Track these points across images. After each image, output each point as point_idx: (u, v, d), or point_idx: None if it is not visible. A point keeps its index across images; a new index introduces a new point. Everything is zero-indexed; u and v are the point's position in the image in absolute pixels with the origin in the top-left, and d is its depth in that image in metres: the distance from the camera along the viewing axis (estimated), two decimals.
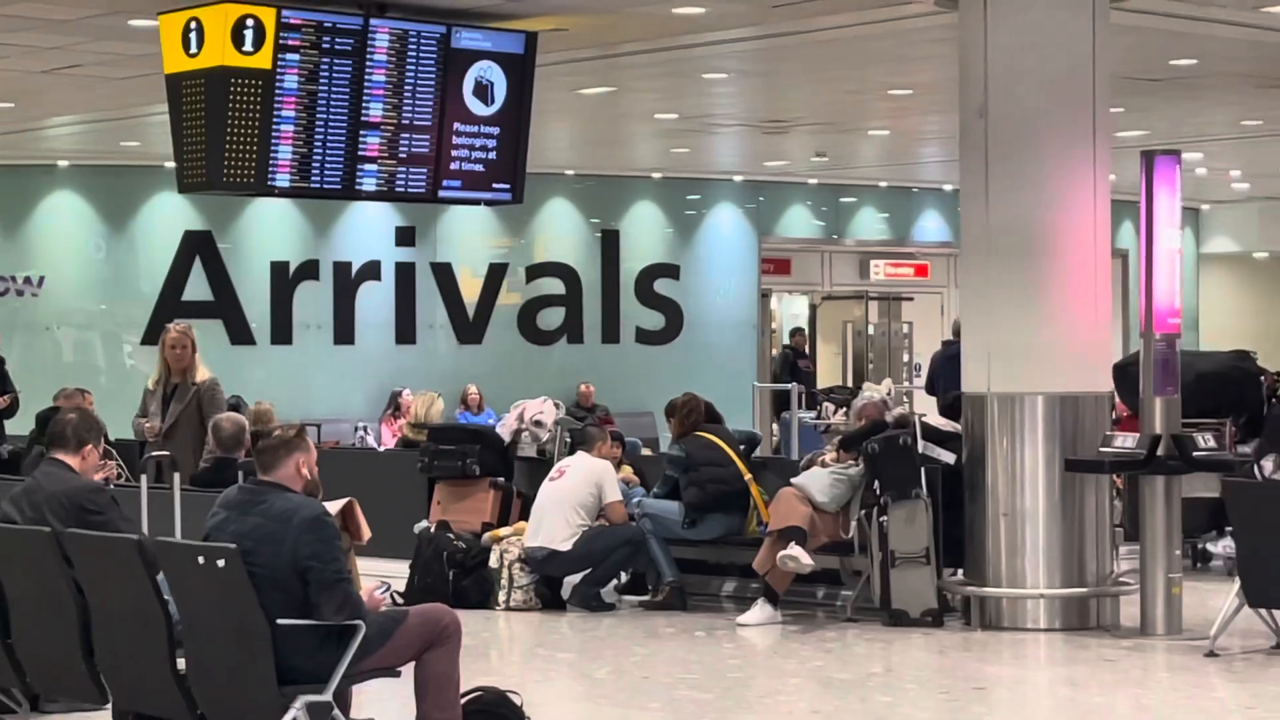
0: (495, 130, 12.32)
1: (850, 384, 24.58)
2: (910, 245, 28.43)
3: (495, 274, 24.87)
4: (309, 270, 23.42)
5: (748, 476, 12.37)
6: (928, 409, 16.65)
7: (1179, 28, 13.36)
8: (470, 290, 24.67)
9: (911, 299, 27.71)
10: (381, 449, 19.13)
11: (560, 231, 25.61)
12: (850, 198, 27.88)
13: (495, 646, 11.10)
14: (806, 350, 25.29)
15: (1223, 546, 13.59)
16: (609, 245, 25.84)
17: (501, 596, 12.27)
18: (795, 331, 25.39)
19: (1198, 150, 22.44)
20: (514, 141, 12.38)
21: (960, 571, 11.76)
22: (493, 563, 12.44)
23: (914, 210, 28.56)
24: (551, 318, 25.26)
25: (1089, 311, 11.36)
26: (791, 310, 28.36)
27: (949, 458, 11.71)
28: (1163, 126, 19.69)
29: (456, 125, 12.12)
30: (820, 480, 11.80)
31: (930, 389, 18.19)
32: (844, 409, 18.94)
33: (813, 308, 27.42)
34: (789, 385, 20.75)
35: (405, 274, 24.16)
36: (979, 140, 11.49)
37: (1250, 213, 30.22)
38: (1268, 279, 31.00)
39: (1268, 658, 10.08)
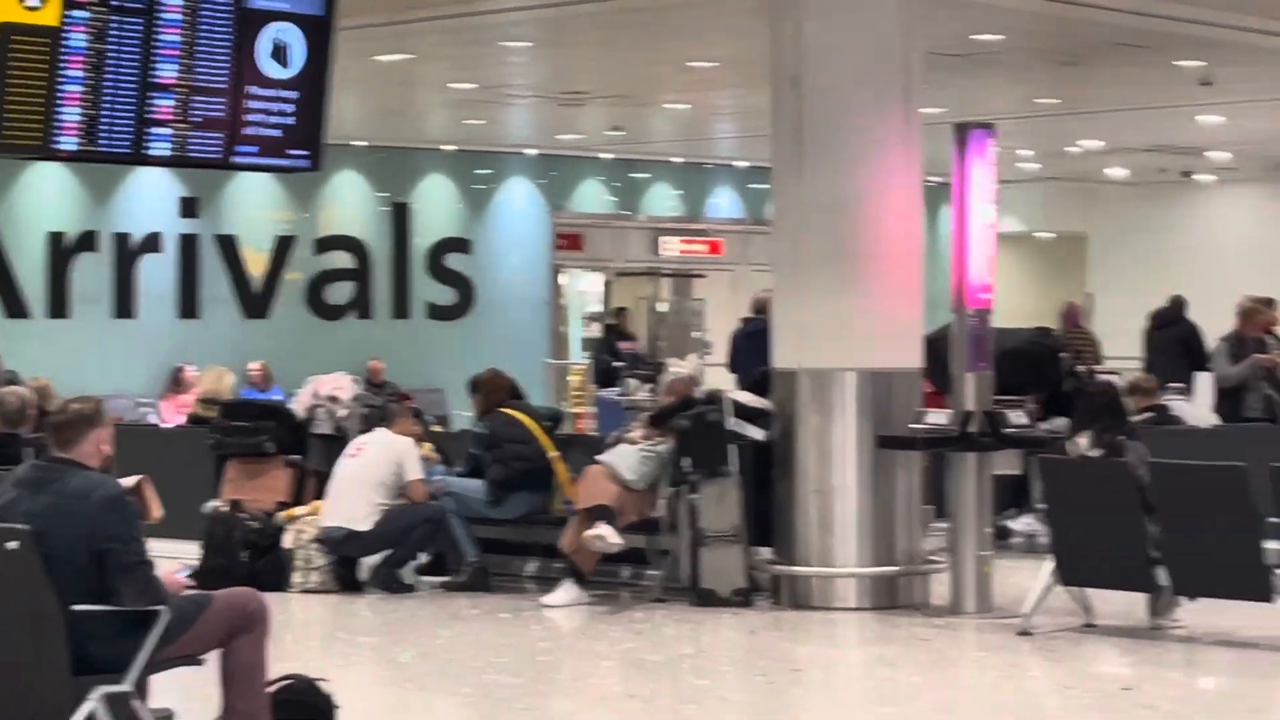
0: (293, 95, 11.84)
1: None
2: (703, 222, 28.36)
3: (282, 247, 24.33)
4: (87, 242, 22.66)
5: (553, 454, 12.12)
6: (726, 386, 16.48)
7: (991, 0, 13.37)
8: (256, 263, 24.07)
9: (704, 276, 27.54)
10: (164, 426, 18.59)
11: (349, 204, 25.15)
12: (644, 173, 27.75)
13: (291, 630, 10.68)
14: (629, 330, 24.74)
15: (1023, 523, 13.66)
16: (399, 219, 25.42)
17: (297, 578, 11.95)
18: (618, 311, 24.94)
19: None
20: (313, 107, 11.96)
21: (769, 550, 11.58)
22: (288, 543, 12.08)
23: (707, 187, 28.51)
24: (340, 292, 24.85)
25: (901, 287, 11.26)
26: (582, 287, 28.11)
27: (759, 435, 11.56)
28: (958, 104, 19.72)
29: (252, 89, 11.62)
30: (628, 458, 11.59)
31: (732, 366, 18.00)
32: (650, 385, 18.76)
33: (606, 284, 27.18)
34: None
35: (188, 246, 23.52)
36: (792, 113, 11.33)
37: (1036, 193, 30.53)
38: (1052, 259, 31.35)
39: (1080, 636, 10.04)
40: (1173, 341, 19.04)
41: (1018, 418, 10.99)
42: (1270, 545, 9.42)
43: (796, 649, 10.26)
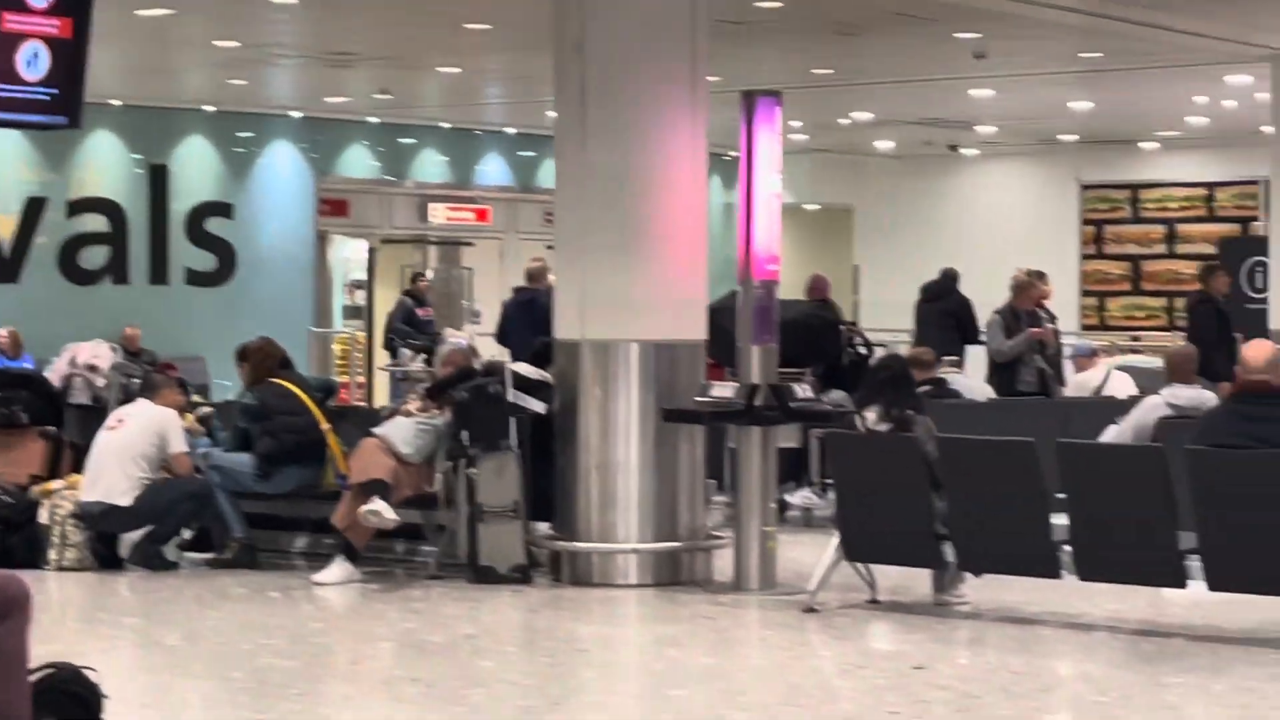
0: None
1: None
2: (472, 189, 27.94)
3: (32, 209, 23.35)
4: None
5: (325, 426, 11.75)
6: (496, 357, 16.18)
7: None
8: (4, 226, 23.14)
9: (472, 244, 27.23)
10: None
11: (104, 165, 24.19)
12: (411, 138, 27.27)
13: (48, 611, 10.09)
14: (428, 298, 23.92)
15: (801, 497, 13.59)
16: (157, 181, 24.52)
17: (52, 555, 11.48)
18: (416, 277, 24.21)
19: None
20: (71, 61, 11.46)
21: (549, 526, 11.38)
22: (42, 518, 11.58)
23: (476, 153, 28.06)
24: (94, 257, 23.97)
25: (686, 258, 11.08)
26: (347, 254, 27.58)
27: (540, 407, 11.33)
28: (732, 74, 19.59)
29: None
30: (404, 430, 11.30)
31: (501, 337, 17.72)
32: (423, 355, 18.49)
33: (371, 251, 26.70)
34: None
35: None
36: (575, 77, 11.07)
37: (803, 164, 30.64)
38: (818, 230, 31.48)
39: (866, 613, 9.95)
40: (944, 314, 19.11)
41: (802, 391, 10.89)
42: (1057, 521, 9.43)
43: (580, 628, 10.00)
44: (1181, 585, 9.16)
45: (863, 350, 14.95)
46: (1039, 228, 28.57)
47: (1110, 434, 12.03)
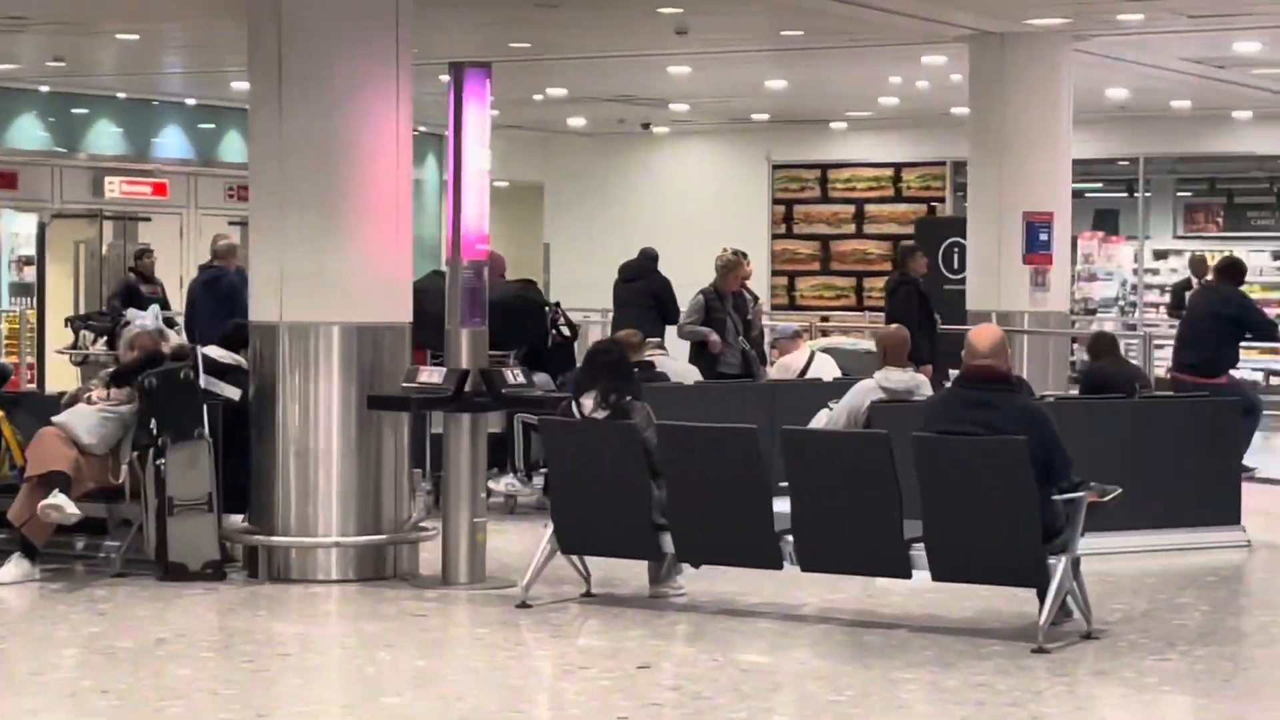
0: None
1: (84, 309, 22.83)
2: (149, 162, 26.91)
3: None
4: None
5: None
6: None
7: None
8: None
9: (149, 219, 26.20)
10: None
11: None
12: (84, 109, 26.15)
13: None
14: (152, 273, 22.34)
15: (505, 484, 13.14)
16: None
17: None
18: (142, 253, 22.68)
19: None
20: None
21: (243, 518, 10.72)
22: None
23: (154, 125, 27.06)
24: None
25: (390, 237, 10.57)
26: (15, 229, 26.35)
27: (233, 393, 10.75)
28: (428, 46, 19.04)
29: None
30: (87, 419, 10.54)
31: (189, 318, 16.97)
32: (104, 337, 17.55)
33: (41, 226, 25.49)
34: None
35: None
36: (270, 49, 10.45)
37: (495, 141, 30.20)
38: (509, 209, 31.09)
39: (581, 607, 9.61)
40: (643, 295, 18.81)
41: (514, 376, 10.49)
42: (779, 510, 9.18)
43: (281, 628, 9.39)
44: (907, 575, 8.99)
45: (566, 332, 14.57)
46: (730, 207, 28.47)
47: (822, 417, 11.85)
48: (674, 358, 15.48)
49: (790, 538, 9.12)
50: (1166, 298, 24.80)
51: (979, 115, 18.25)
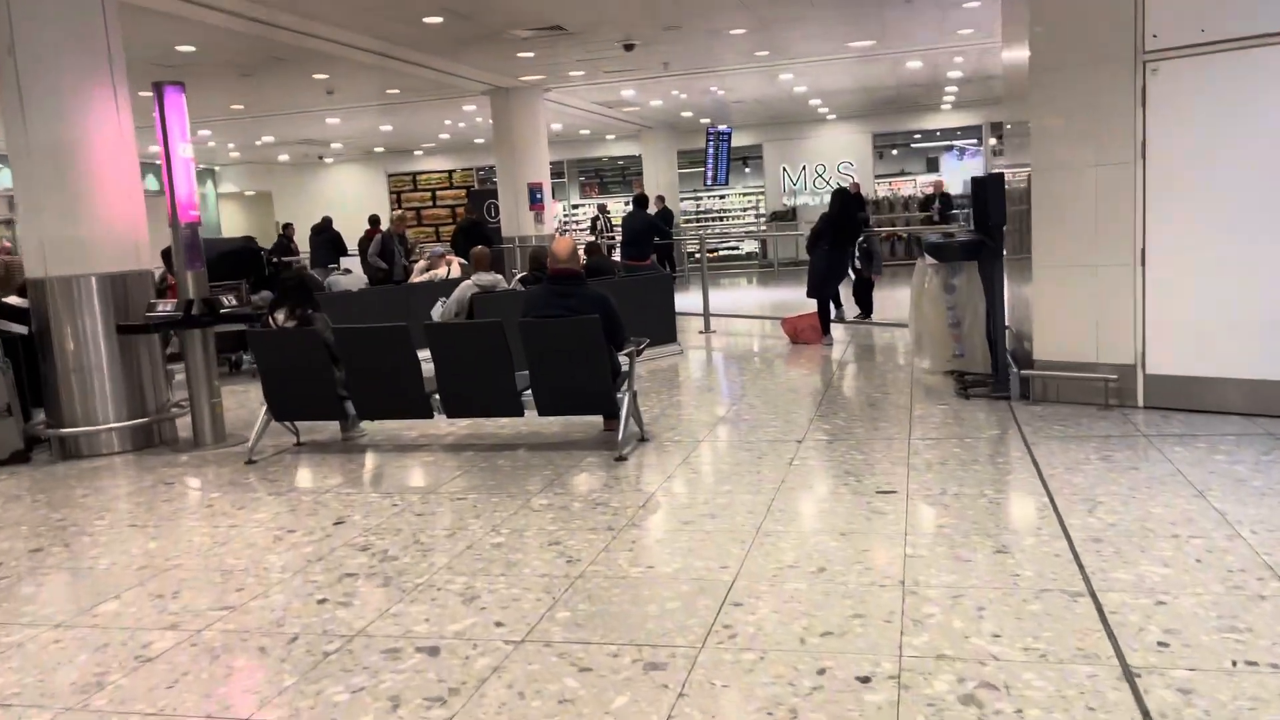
0: None
1: None
2: None
3: None
4: None
5: None
6: None
7: (183, 12, 8.24)
8: None
9: None
10: None
11: None
12: None
13: None
14: None
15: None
16: None
17: None
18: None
19: (207, 128, 16.82)
20: None
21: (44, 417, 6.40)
22: None
23: None
24: None
25: (125, 207, 6.26)
26: None
27: (22, 329, 6.39)
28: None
29: None
30: None
31: None
32: None
33: None
34: None
35: None
36: (11, 75, 5.99)
37: (239, 169, 24.75)
38: (256, 205, 25.67)
39: (294, 457, 5.80)
40: (326, 242, 14.80)
41: (230, 301, 6.47)
42: (428, 377, 5.65)
43: (84, 496, 5.17)
44: (520, 414, 5.58)
45: (277, 267, 10.44)
46: (368, 200, 23.87)
47: (438, 307, 8.30)
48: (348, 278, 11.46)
49: (436, 396, 5.64)
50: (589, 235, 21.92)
51: (499, 135, 14.52)
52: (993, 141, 20.65)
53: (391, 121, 17.66)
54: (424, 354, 5.54)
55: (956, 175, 21.11)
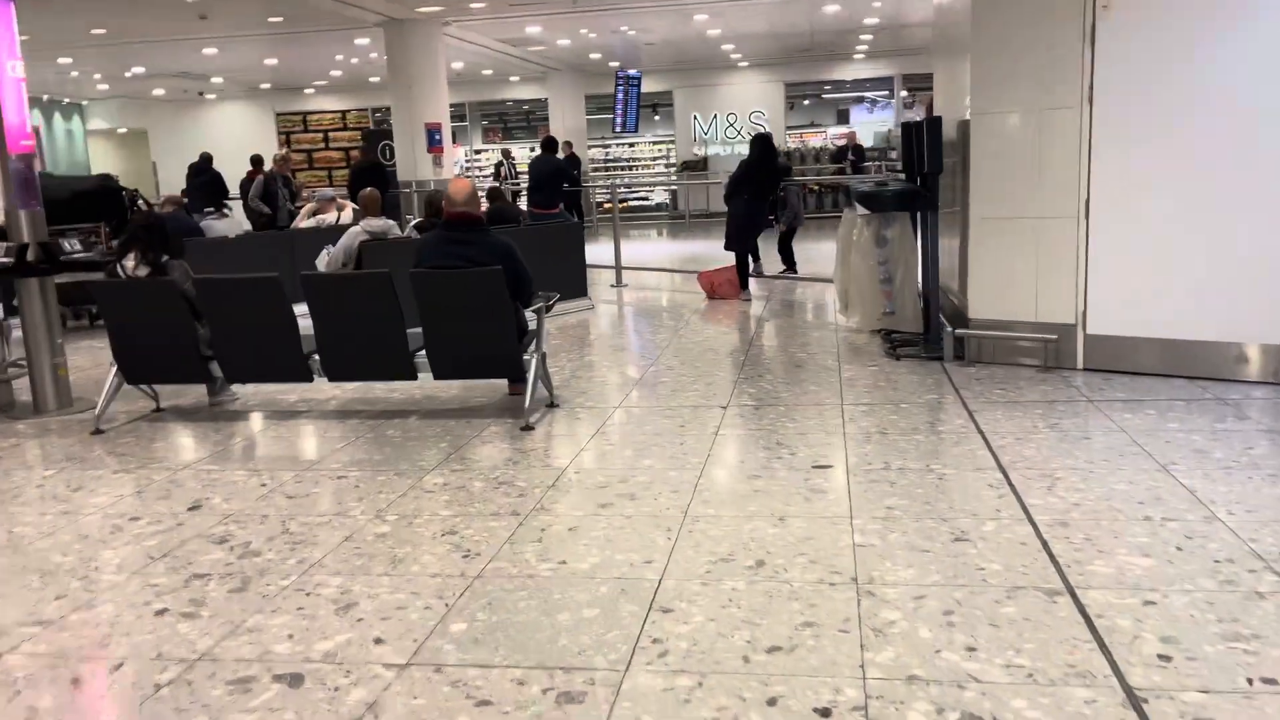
0: None
1: None
2: None
3: None
4: None
5: None
6: None
7: None
8: None
9: None
10: None
11: None
12: None
13: None
14: None
15: None
16: None
17: None
18: None
19: (66, 55, 15.28)
20: None
21: None
22: None
23: None
24: None
25: None
26: None
27: None
28: (36, 31, 12.63)
29: None
30: None
31: None
32: None
33: None
34: None
35: None
36: None
37: (113, 104, 22.87)
38: (130, 144, 23.79)
39: (150, 425, 5.06)
40: (204, 185, 13.63)
41: (73, 245, 5.63)
42: (307, 335, 4.97)
43: None
44: (414, 378, 4.97)
45: (142, 205, 9.41)
46: (254, 140, 22.27)
47: (324, 255, 7.52)
48: (223, 221, 10.45)
49: (317, 356, 4.98)
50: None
51: (394, 71, 13.51)
52: (904, 94, 20.50)
53: (277, 54, 16.40)
54: (302, 308, 4.86)
55: (867, 127, 20.94)
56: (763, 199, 8.67)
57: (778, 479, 3.77)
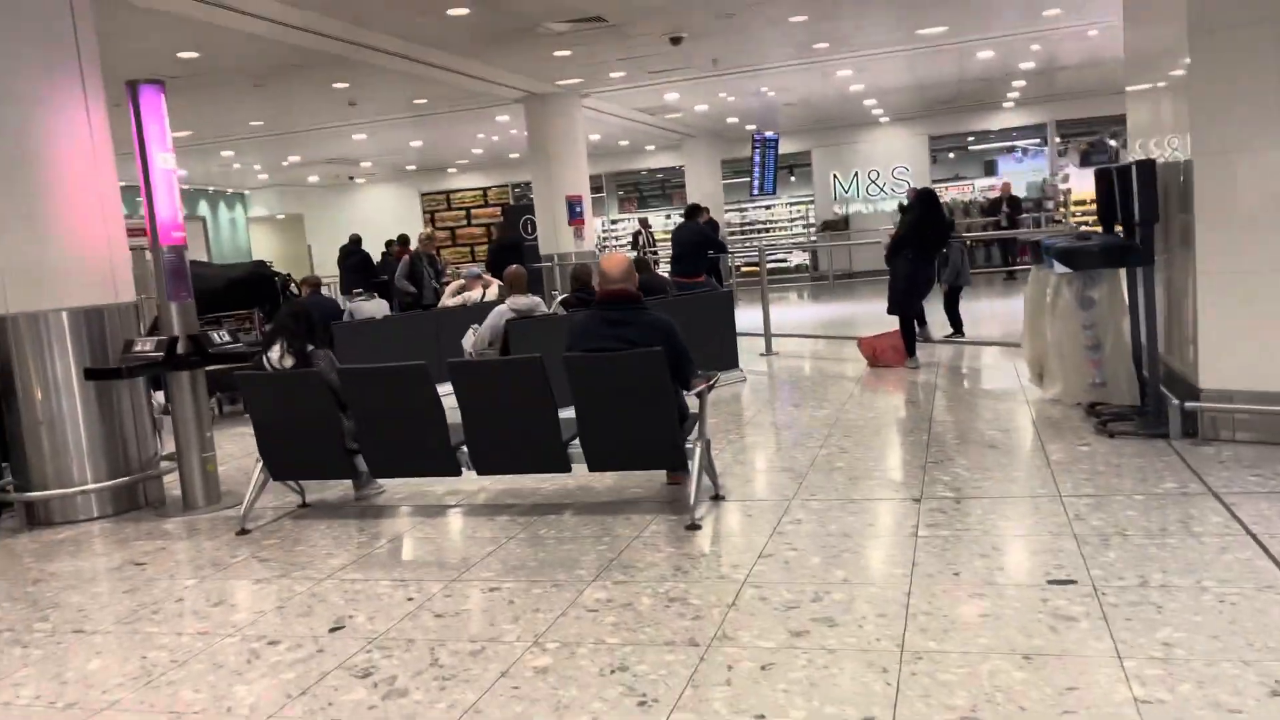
0: None
1: None
2: None
3: None
4: None
5: None
6: None
7: (182, 9, 7.36)
8: None
9: None
10: None
11: None
12: None
13: None
14: None
15: None
16: None
17: None
18: None
19: (229, 148, 16.10)
20: None
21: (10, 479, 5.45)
22: None
23: None
24: None
25: (100, 232, 5.34)
26: None
27: None
28: (199, 127, 13.29)
29: None
30: None
31: None
32: None
33: None
34: None
35: None
36: None
37: (272, 191, 24.15)
38: (287, 228, 25.04)
39: (295, 524, 4.83)
40: (355, 266, 13.97)
41: (222, 337, 5.53)
42: (455, 424, 4.65)
43: (62, 565, 4.21)
44: (567, 469, 4.56)
45: (295, 293, 9.55)
46: (402, 220, 23.10)
47: (470, 334, 7.31)
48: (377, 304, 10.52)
49: (465, 448, 4.63)
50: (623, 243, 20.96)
51: (535, 145, 13.57)
52: (1057, 140, 19.35)
53: (422, 136, 16.85)
54: (446, 390, 4.54)
55: (1018, 177, 19.87)
56: (928, 258, 8.01)
57: (1007, 598, 3.12)
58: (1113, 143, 18.26)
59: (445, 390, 4.54)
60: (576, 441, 4.45)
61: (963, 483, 4.47)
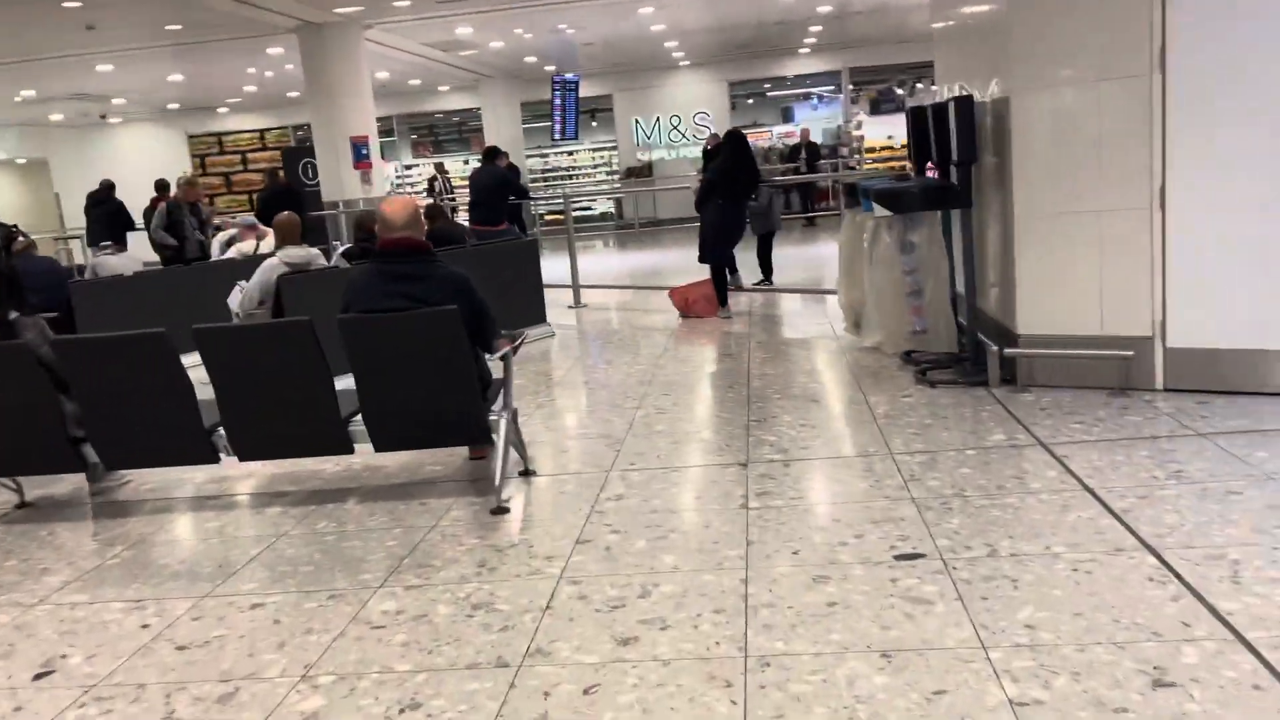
0: None
1: None
2: None
3: None
4: None
5: None
6: None
7: None
8: None
9: None
10: None
11: None
12: None
13: None
14: None
15: None
16: None
17: None
18: None
19: None
20: None
21: None
22: None
23: None
24: None
25: None
26: None
27: None
28: None
29: None
30: None
31: None
32: None
33: None
34: None
35: None
36: None
37: (10, 133, 21.14)
38: (29, 175, 22.03)
39: (7, 529, 3.95)
40: (106, 214, 12.31)
41: None
42: (208, 400, 3.89)
43: None
44: (350, 451, 3.90)
45: (22, 243, 8.13)
46: (162, 165, 20.76)
47: (235, 293, 6.38)
48: (123, 257, 9.18)
49: (222, 430, 3.89)
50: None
51: (312, 81, 12.33)
52: (849, 87, 19.83)
53: (182, 69, 15.05)
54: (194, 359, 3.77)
55: (815, 124, 20.24)
56: (739, 204, 7.74)
57: (854, 580, 2.80)
58: (900, 91, 18.89)
59: (198, 361, 3.79)
60: (360, 418, 3.82)
61: (789, 443, 4.19)
